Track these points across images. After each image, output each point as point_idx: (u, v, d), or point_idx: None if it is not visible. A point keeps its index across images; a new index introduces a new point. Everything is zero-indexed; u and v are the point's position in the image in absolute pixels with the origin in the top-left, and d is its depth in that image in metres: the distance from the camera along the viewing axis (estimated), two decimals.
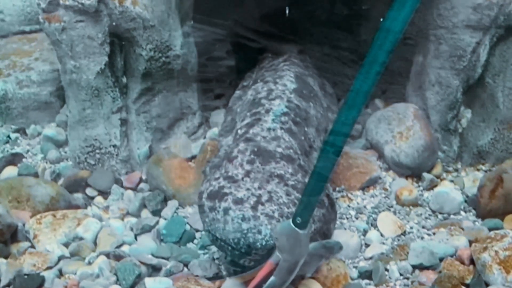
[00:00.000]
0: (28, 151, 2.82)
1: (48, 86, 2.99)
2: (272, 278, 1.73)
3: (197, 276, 2.01)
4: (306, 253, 1.75)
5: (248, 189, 1.88)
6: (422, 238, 2.21)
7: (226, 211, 1.84)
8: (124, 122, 2.56)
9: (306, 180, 1.93)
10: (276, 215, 1.82)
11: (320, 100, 2.54)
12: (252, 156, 2.01)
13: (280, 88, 2.41)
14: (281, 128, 2.17)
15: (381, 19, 2.95)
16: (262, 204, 1.84)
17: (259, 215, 1.81)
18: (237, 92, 2.78)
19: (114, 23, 2.40)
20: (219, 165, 2.06)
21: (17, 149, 2.82)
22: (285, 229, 1.72)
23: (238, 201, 1.85)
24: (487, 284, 1.91)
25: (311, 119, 2.34)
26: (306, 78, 2.60)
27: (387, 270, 2.03)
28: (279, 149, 2.07)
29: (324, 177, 1.68)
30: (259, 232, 1.79)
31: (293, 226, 1.70)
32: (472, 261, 1.99)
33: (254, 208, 1.82)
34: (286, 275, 1.74)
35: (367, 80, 1.51)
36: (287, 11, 2.92)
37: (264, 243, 1.78)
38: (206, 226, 1.91)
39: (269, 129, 2.15)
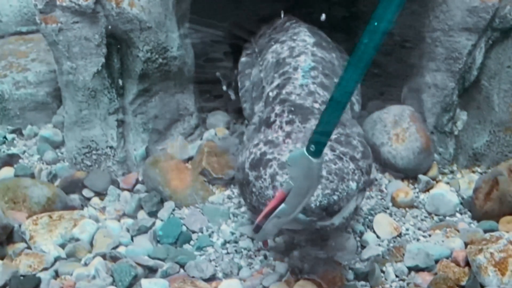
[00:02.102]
0: (24, 152, 2.81)
1: (45, 87, 2.98)
2: (282, 205, 1.69)
3: (193, 277, 2.01)
4: (318, 183, 1.68)
5: (291, 151, 1.86)
6: (418, 240, 2.21)
7: (273, 177, 1.83)
8: (120, 123, 2.56)
9: (343, 136, 1.93)
10: (324, 173, 1.79)
11: (337, 51, 2.54)
12: (290, 116, 2.00)
13: (300, 44, 2.37)
14: (313, 83, 2.15)
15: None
16: None
17: None
18: (243, 59, 2.73)
19: (111, 25, 2.40)
20: (257, 130, 2.05)
21: (13, 150, 2.82)
22: (299, 157, 1.63)
23: (284, 165, 1.82)
24: (482, 286, 1.91)
25: (337, 70, 2.33)
26: (318, 31, 2.59)
27: (383, 271, 2.04)
28: (316, 105, 2.05)
29: (342, 104, 1.56)
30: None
31: (307, 154, 1.61)
32: (467, 263, 1.99)
33: None
34: (297, 203, 1.67)
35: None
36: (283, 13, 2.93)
37: (318, 203, 1.75)
38: (255, 197, 1.88)
39: (301, 86, 2.13)
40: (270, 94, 2.19)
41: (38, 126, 2.95)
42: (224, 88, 2.97)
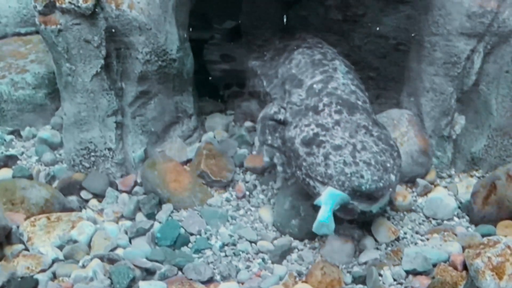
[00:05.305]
0: (22, 153, 2.81)
1: (44, 89, 2.98)
2: None
3: (191, 280, 2.01)
4: None
5: (342, 138, 2.04)
6: (416, 243, 2.22)
7: (326, 156, 2.00)
8: (119, 125, 2.56)
9: (383, 134, 2.12)
10: (372, 162, 1.97)
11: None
12: (338, 107, 2.18)
13: (330, 52, 2.58)
14: (352, 84, 2.35)
15: (375, 25, 2.96)
16: (359, 152, 2.00)
17: (358, 162, 1.96)
18: (255, 62, 2.84)
19: (110, 26, 2.40)
20: (304, 113, 2.21)
21: (11, 151, 2.81)
22: None
23: (337, 148, 2.01)
24: None
25: (359, 79, 2.51)
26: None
27: (380, 275, 2.04)
28: (359, 102, 2.25)
29: None
30: (362, 176, 1.93)
31: None
32: (465, 267, 2.00)
33: (352, 155, 1.98)
34: None
35: None
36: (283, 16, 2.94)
37: (368, 186, 1.94)
38: (304, 170, 2.04)
39: (344, 84, 2.32)
40: (315, 86, 2.33)
41: (37, 127, 2.95)
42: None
